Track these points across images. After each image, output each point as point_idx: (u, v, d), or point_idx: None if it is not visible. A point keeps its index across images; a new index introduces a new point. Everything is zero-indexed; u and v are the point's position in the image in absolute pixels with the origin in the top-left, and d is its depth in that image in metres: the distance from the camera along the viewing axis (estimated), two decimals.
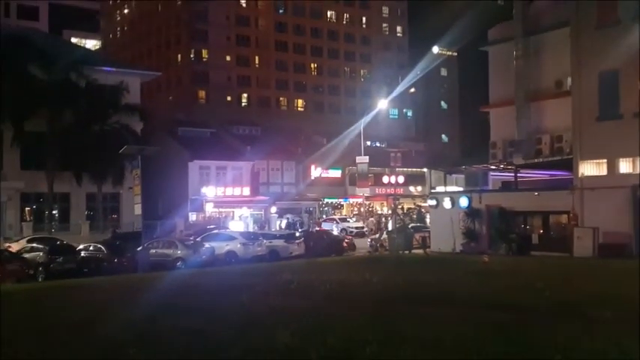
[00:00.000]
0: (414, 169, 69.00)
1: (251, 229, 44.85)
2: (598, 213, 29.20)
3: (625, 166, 29.98)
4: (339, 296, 15.55)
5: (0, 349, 9.80)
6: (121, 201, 42.78)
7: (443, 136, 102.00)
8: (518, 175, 35.90)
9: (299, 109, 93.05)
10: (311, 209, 62.23)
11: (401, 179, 64.31)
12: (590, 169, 31.24)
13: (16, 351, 9.89)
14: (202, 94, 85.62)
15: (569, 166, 32.32)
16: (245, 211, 53.92)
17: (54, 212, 41.33)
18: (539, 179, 38.23)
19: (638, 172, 29.20)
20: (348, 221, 56.44)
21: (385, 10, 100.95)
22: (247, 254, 32.00)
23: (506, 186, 38.37)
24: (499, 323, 11.20)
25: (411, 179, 69.22)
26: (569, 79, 33.78)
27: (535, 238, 32.79)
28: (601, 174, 30.68)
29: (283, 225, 49.86)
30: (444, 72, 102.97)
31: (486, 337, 10.07)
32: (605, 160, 30.63)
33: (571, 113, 32.46)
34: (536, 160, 37.26)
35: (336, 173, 66.94)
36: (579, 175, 31.41)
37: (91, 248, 30.31)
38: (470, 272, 21.40)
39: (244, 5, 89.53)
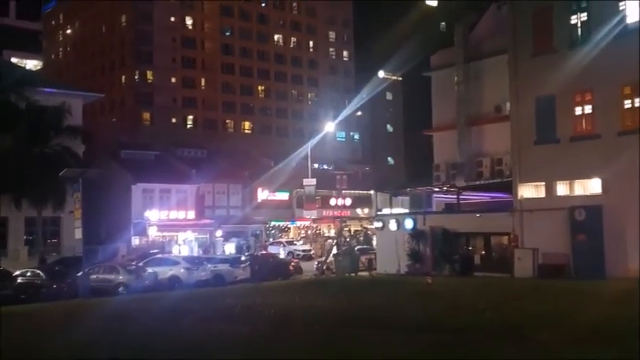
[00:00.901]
0: (361, 192, 69.22)
1: (195, 253, 44.24)
2: (537, 234, 29.80)
3: (562, 189, 30.72)
4: (283, 320, 15.43)
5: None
6: (62, 225, 41.65)
7: (389, 158, 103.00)
8: (461, 197, 36.36)
9: (246, 131, 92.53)
10: (257, 232, 61.81)
11: (348, 202, 64.59)
12: (529, 191, 31.89)
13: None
14: (147, 116, 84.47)
15: (509, 188, 32.88)
16: (189, 235, 53.11)
17: None
18: (480, 201, 38.78)
19: (574, 195, 30.05)
20: (295, 244, 56.24)
21: (332, 35, 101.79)
22: (191, 279, 31.46)
23: (449, 208, 38.80)
24: (442, 345, 11.28)
25: (358, 201, 69.46)
26: (508, 104, 34.32)
27: (477, 259, 33.28)
28: (539, 196, 31.33)
29: (232, 248, 49.28)
30: (389, 96, 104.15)
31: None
32: (543, 183, 31.31)
33: (510, 137, 33.14)
34: (477, 183, 37.70)
35: (283, 196, 66.72)
36: (519, 197, 32.03)
37: (29, 274, 29.39)
38: (414, 294, 21.54)
39: (190, 27, 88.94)
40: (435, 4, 50.26)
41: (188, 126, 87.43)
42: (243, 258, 37.34)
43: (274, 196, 64.84)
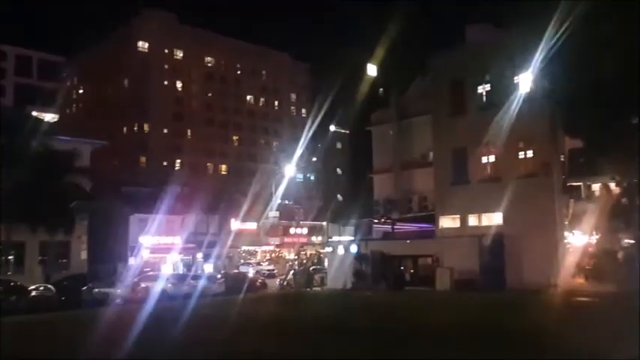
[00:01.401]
0: (315, 222, 69.67)
1: (180, 272, 43.67)
2: (453, 256, 30.47)
3: (473, 220, 31.72)
4: (250, 327, 15.48)
5: None
6: (71, 248, 40.69)
7: (338, 195, 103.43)
8: (395, 226, 36.91)
9: (223, 172, 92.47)
10: (231, 255, 61.24)
11: (305, 230, 64.81)
12: (448, 222, 32.77)
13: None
14: (143, 159, 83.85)
15: (433, 219, 33.70)
16: (176, 257, 52.42)
17: (9, 258, 38.75)
18: (410, 230, 39.33)
19: (482, 225, 31.01)
20: (262, 265, 56.02)
21: (293, 96, 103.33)
22: (177, 292, 31.16)
23: (386, 235, 39.29)
24: (378, 347, 11.52)
25: (313, 230, 69.77)
26: (432, 154, 35.37)
27: (407, 277, 33.74)
28: (455, 226, 32.25)
29: (210, 268, 48.69)
30: (339, 145, 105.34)
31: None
32: (458, 216, 32.27)
33: (433, 179, 34.11)
34: (408, 215, 38.40)
35: (252, 225, 66.45)
36: (440, 227, 32.90)
37: (42, 288, 28.68)
38: (356, 305, 21.81)
39: (180, 89, 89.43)
40: (374, 74, 51.49)
41: (176, 167, 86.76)
42: (219, 276, 37.13)
43: (245, 225, 64.49)
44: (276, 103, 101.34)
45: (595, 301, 20.37)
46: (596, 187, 46.94)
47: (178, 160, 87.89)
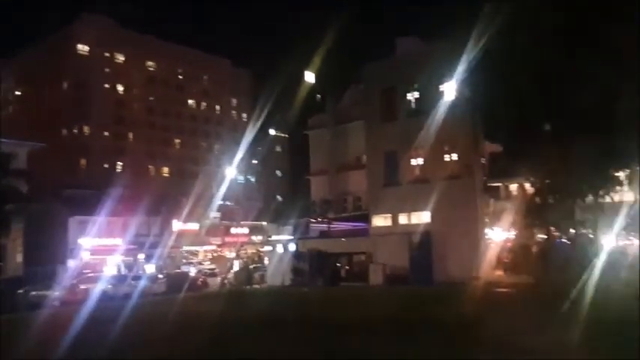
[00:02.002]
0: (256, 222, 69.11)
1: (122, 273, 42.12)
2: (385, 253, 31.08)
3: (403, 219, 32.35)
4: (189, 324, 15.16)
5: None
6: (6, 250, 38.49)
7: (278, 196, 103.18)
8: (331, 225, 37.12)
9: (165, 175, 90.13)
10: (173, 255, 59.77)
11: (245, 230, 64.18)
12: (380, 221, 33.27)
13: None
14: (83, 162, 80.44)
15: (366, 219, 34.12)
16: (117, 258, 50.59)
17: None
18: (345, 229, 39.66)
19: (412, 223, 31.68)
20: (203, 264, 54.98)
21: (234, 101, 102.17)
22: (117, 293, 30.03)
23: (322, 234, 39.44)
24: (315, 338, 11.54)
25: (254, 230, 69.15)
26: (365, 157, 35.88)
27: (343, 273, 34.02)
28: (387, 225, 32.78)
29: (152, 268, 47.27)
30: (278, 148, 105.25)
31: (304, 350, 10.30)
32: (390, 215, 32.82)
33: (366, 181, 34.56)
34: (343, 215, 38.72)
35: (194, 226, 65.12)
36: (372, 225, 33.35)
37: None
38: (294, 300, 21.79)
39: (121, 92, 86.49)
40: (312, 81, 51.65)
41: (118, 170, 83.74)
42: (160, 276, 36.12)
43: (187, 226, 63.13)
44: (218, 107, 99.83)
45: (512, 291, 21.26)
46: (513, 187, 49.10)
47: (120, 163, 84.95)
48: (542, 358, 8.72)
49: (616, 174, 29.68)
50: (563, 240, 32.05)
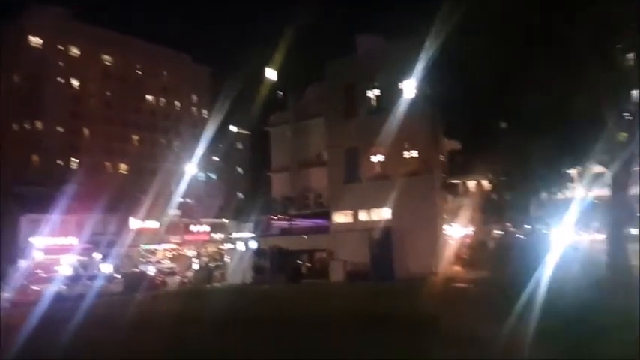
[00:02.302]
0: (217, 220, 68.32)
1: (77, 272, 40.85)
2: (346, 249, 31.16)
3: (364, 216, 32.54)
4: (145, 324, 14.78)
5: None
6: None
7: (239, 193, 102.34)
8: (292, 222, 37.01)
9: (122, 172, 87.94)
10: (130, 254, 58.40)
11: (206, 228, 63.35)
12: (341, 218, 33.39)
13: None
14: (36, 158, 77.63)
15: (327, 216, 34.18)
16: (72, 257, 49.08)
17: None
18: (307, 226, 39.59)
19: (372, 220, 31.90)
20: (162, 263, 53.92)
21: (194, 97, 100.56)
22: (71, 293, 29.10)
23: (284, 231, 39.27)
24: (274, 336, 11.40)
25: (215, 228, 68.35)
26: (326, 153, 35.88)
27: (304, 270, 34.01)
28: (348, 221, 32.93)
29: (108, 267, 46.03)
30: (239, 145, 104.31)
31: (264, 348, 10.17)
32: (350, 212, 32.97)
33: (327, 178, 34.58)
34: (304, 212, 38.59)
35: (153, 224, 63.82)
36: (334, 222, 33.43)
37: None
38: (254, 298, 21.59)
39: (77, 87, 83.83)
40: (274, 78, 51.28)
41: (73, 167, 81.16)
42: (117, 275, 35.23)
43: (145, 224, 61.84)
44: (177, 103, 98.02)
45: (470, 286, 21.64)
46: (471, 184, 50.11)
47: (75, 160, 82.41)
48: (498, 348, 8.87)
49: (568, 172, 30.69)
50: (519, 236, 32.90)
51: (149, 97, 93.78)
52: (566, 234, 33.54)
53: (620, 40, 15.54)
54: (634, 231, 23.05)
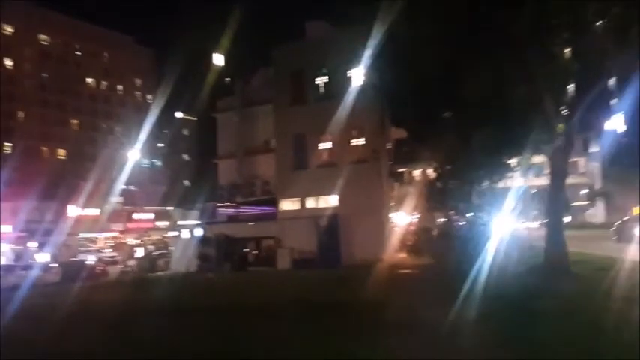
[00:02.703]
0: (161, 208, 66.76)
1: (11, 262, 39.01)
2: (293, 237, 31.03)
3: (311, 203, 32.50)
4: (80, 316, 14.09)
5: None
6: None
7: (185, 181, 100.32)
8: (239, 210, 36.54)
9: (60, 157, 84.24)
10: (69, 243, 56.24)
11: (150, 216, 61.83)
12: (288, 205, 33.22)
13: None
14: None
15: (274, 203, 33.94)
16: (5, 246, 46.75)
17: None
18: (253, 213, 39.22)
19: (320, 207, 31.91)
20: (103, 252, 52.18)
21: (138, 81, 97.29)
22: (5, 283, 27.63)
23: (230, 219, 38.74)
24: (213, 326, 11.10)
25: (159, 215, 66.79)
26: (274, 140, 35.68)
27: (251, 257, 33.73)
28: (295, 209, 32.81)
29: (45, 256, 44.05)
30: (185, 132, 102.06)
31: (205, 338, 9.86)
32: (298, 199, 32.85)
33: (274, 165, 34.31)
34: (251, 199, 38.22)
35: (93, 211, 61.76)
36: (281, 209, 33.23)
37: None
38: (197, 287, 21.14)
39: (11, 67, 79.28)
40: (221, 63, 50.24)
41: (6, 152, 76.97)
42: (54, 264, 33.76)
43: (85, 211, 59.69)
44: (120, 87, 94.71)
45: (415, 272, 22.00)
46: (417, 173, 51.10)
47: (9, 144, 78.24)
48: (442, 331, 8.97)
49: (508, 161, 31.69)
50: (462, 223, 33.81)
51: (89, 80, 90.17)
52: (506, 222, 34.76)
53: (557, 33, 15.97)
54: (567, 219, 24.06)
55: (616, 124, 40.88)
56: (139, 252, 38.53)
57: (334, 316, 10.77)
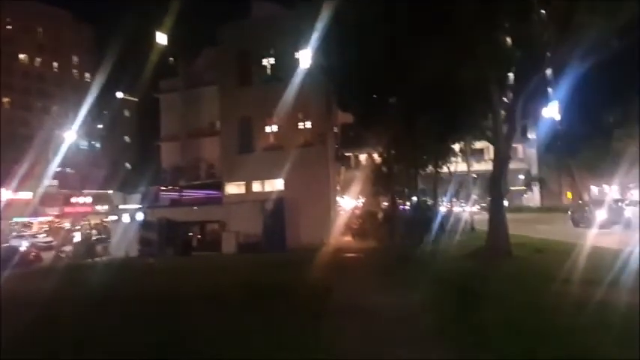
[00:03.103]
0: (101, 191, 64.22)
1: None
2: (239, 221, 30.52)
3: (257, 187, 32.09)
4: (8, 304, 13.11)
5: None
6: None
7: (127, 164, 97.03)
8: (183, 193, 35.67)
9: None
10: (1, 228, 53.20)
11: (88, 199, 59.36)
12: (234, 189, 32.66)
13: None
14: None
15: (219, 186, 33.28)
16: None
17: None
18: (198, 197, 38.40)
19: (265, 191, 31.55)
20: (38, 237, 49.66)
21: (75, 59, 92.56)
22: None
23: (174, 203, 37.78)
24: (148, 314, 10.47)
25: (99, 199, 64.23)
26: (219, 122, 34.85)
27: (195, 242, 32.97)
28: (241, 192, 32.30)
29: None
30: (127, 113, 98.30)
31: (139, 328, 9.29)
32: (243, 182, 32.34)
33: (220, 147, 33.57)
34: (196, 183, 37.38)
35: (27, 195, 58.70)
36: (226, 193, 32.63)
37: None
38: (136, 273, 20.27)
39: None
40: (164, 42, 48.44)
41: None
42: None
43: (18, 195, 56.62)
44: (55, 64, 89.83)
45: (359, 256, 22.05)
46: (363, 157, 51.39)
47: None
48: (384, 317, 8.88)
49: (452, 146, 32.30)
50: (406, 207, 34.29)
51: (22, 56, 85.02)
52: (449, 205, 35.63)
53: (500, 19, 16.13)
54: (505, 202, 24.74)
55: (552, 112, 42.54)
56: (77, 237, 36.78)
57: (278, 302, 10.50)
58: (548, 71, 17.99)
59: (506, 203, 21.17)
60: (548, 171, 63.51)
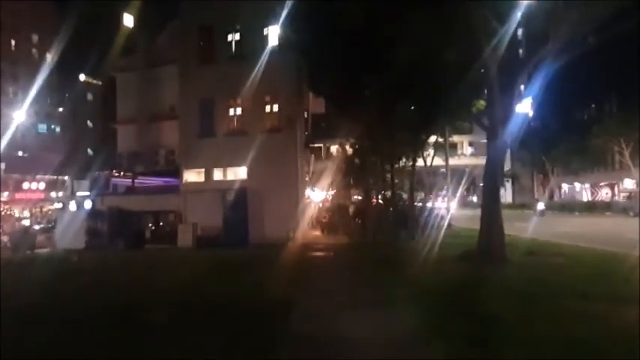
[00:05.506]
0: (56, 177, 60.06)
1: None
2: (197, 211, 27.63)
3: (218, 175, 29.25)
4: None
5: None
6: None
7: (88, 149, 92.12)
8: (138, 181, 32.66)
9: None
10: None
11: (41, 185, 55.20)
12: (193, 176, 29.75)
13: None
14: None
15: (178, 174, 30.35)
16: None
17: None
18: (154, 185, 35.33)
19: (227, 179, 28.74)
20: None
21: (35, 37, 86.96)
22: None
23: (128, 190, 34.62)
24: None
25: (54, 185, 60.07)
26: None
27: (148, 233, 29.92)
28: (200, 180, 29.41)
29: None
30: (90, 97, 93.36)
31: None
32: (203, 170, 29.45)
33: (178, 131, 30.58)
34: (153, 169, 34.29)
35: None
36: (184, 181, 29.70)
37: None
38: (68, 269, 17.32)
39: None
40: (130, 20, 44.72)
41: None
42: None
43: None
44: (13, 42, 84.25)
45: (328, 255, 19.49)
46: (334, 148, 48.86)
47: None
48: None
49: (428, 139, 30.03)
50: (379, 201, 32.00)
51: None
52: (424, 201, 33.45)
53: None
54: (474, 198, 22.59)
55: (525, 107, 40.99)
56: (16, 226, 33.20)
57: (209, 327, 7.83)
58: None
59: (474, 198, 18.96)
60: (521, 167, 62.26)
